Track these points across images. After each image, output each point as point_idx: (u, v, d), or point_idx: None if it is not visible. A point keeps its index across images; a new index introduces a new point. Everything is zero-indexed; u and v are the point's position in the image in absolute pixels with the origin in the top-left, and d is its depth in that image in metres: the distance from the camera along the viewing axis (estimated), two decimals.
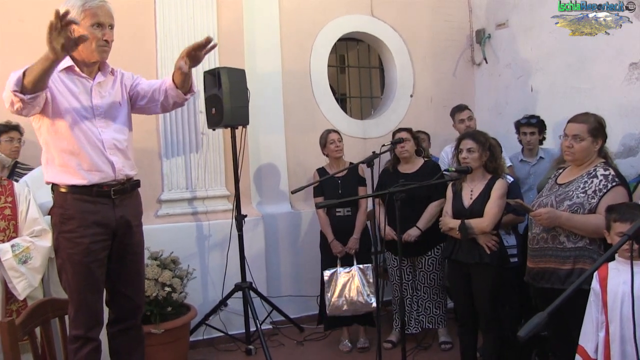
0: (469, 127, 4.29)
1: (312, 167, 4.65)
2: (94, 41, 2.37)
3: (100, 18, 2.37)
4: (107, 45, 2.43)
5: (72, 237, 2.42)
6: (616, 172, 2.72)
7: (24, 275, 2.89)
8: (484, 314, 3.18)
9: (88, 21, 2.35)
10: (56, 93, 2.39)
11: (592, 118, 2.79)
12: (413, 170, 4.00)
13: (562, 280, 2.69)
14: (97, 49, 2.40)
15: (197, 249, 4.26)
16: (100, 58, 2.45)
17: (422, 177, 3.81)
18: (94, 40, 2.38)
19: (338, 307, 3.89)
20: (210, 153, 4.36)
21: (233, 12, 4.44)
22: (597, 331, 2.31)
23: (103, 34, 2.39)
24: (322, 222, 4.07)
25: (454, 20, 5.53)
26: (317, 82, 4.95)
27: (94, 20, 2.36)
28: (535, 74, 4.87)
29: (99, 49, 2.40)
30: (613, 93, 4.12)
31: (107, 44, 2.43)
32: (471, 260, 3.16)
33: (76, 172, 2.42)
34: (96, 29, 2.37)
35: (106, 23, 2.40)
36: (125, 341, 2.65)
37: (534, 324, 1.27)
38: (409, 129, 4.09)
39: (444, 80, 5.50)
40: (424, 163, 4.03)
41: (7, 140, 3.52)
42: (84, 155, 2.42)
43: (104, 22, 2.39)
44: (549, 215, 2.71)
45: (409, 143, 3.99)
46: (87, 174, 2.42)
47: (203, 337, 4.19)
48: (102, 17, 2.38)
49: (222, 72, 3.91)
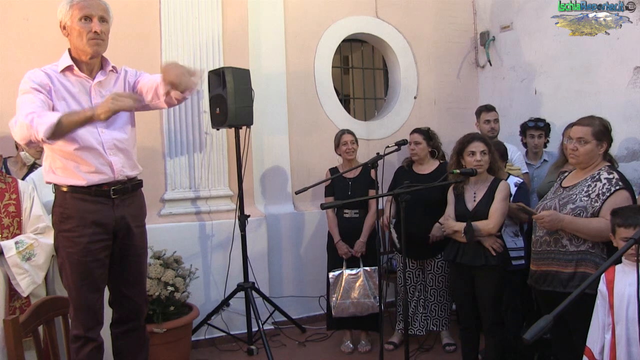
0: (493, 130, 4.21)
1: (315, 167, 4.66)
2: (83, 35, 2.36)
3: (87, 11, 2.36)
4: (99, 38, 2.39)
5: (71, 236, 2.42)
6: (620, 176, 2.71)
7: (27, 272, 2.89)
8: (487, 317, 3.17)
9: (76, 16, 2.36)
10: (54, 96, 2.38)
11: (597, 121, 2.79)
12: (427, 171, 3.99)
13: (564, 283, 2.69)
14: (88, 43, 2.37)
15: (200, 249, 4.26)
16: (94, 52, 2.41)
17: (435, 179, 3.75)
18: (84, 33, 2.36)
19: (344, 308, 3.87)
20: (214, 153, 4.36)
21: (238, 12, 4.45)
22: (603, 333, 2.31)
23: (91, 26, 2.36)
24: (330, 223, 4.05)
25: (458, 23, 5.53)
26: (321, 83, 4.95)
27: (82, 14, 2.36)
28: (539, 77, 4.87)
29: (89, 42, 2.37)
30: (617, 97, 4.11)
31: (99, 36, 2.38)
32: (477, 263, 3.15)
33: (75, 174, 2.41)
34: (84, 23, 2.36)
35: (95, 15, 2.37)
36: (128, 343, 2.65)
37: (539, 327, 1.27)
38: (424, 131, 4.04)
39: (448, 83, 5.50)
40: (439, 165, 4.00)
41: None
42: (83, 157, 2.41)
43: (91, 14, 2.36)
44: (552, 218, 2.71)
45: (419, 146, 3.97)
46: (85, 175, 2.42)
47: (205, 337, 4.19)
48: (89, 10, 2.36)
49: (227, 72, 3.91)
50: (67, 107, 2.38)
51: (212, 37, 4.31)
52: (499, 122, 4.37)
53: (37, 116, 2.18)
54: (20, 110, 2.26)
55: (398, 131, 5.17)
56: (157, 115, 4.14)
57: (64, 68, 2.43)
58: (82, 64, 2.46)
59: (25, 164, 3.55)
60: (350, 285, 3.87)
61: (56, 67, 2.44)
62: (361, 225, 3.98)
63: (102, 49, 2.45)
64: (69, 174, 2.42)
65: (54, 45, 2.52)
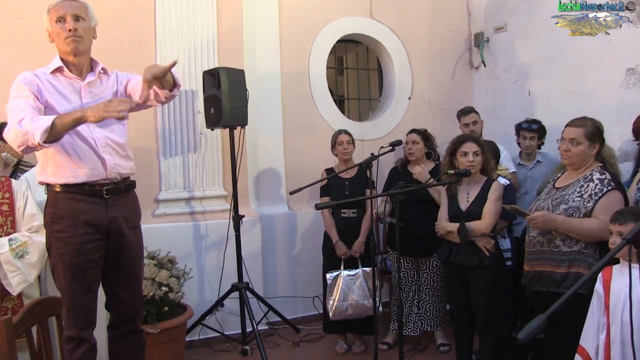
0: (473, 132, 4.15)
1: (310, 168, 4.66)
2: (61, 35, 2.41)
3: (60, 12, 2.41)
4: (76, 35, 2.42)
5: (63, 236, 2.42)
6: (612, 177, 2.73)
7: (19, 269, 2.87)
8: (481, 317, 3.19)
9: (53, 19, 2.42)
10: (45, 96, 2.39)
11: (589, 122, 2.81)
12: None
13: (557, 283, 2.71)
14: (65, 41, 2.42)
15: (194, 249, 4.26)
16: (72, 49, 2.43)
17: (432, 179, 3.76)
18: (61, 34, 2.41)
19: (342, 310, 3.83)
20: (209, 153, 4.36)
21: (233, 12, 4.45)
22: (598, 333, 2.32)
23: (65, 26, 2.40)
24: (327, 223, 4.03)
25: (452, 23, 5.55)
26: (315, 83, 4.95)
27: (56, 16, 2.42)
28: (533, 78, 4.89)
29: (66, 40, 2.42)
30: (610, 98, 4.13)
31: (75, 33, 2.42)
32: (471, 263, 3.16)
33: (67, 170, 2.42)
34: (60, 24, 2.42)
35: (67, 14, 2.41)
36: (124, 347, 2.64)
37: (533, 327, 1.28)
38: (422, 132, 4.06)
39: (442, 83, 5.51)
40: (435, 166, 4.01)
41: None
42: (76, 155, 2.42)
43: (64, 14, 2.41)
44: (544, 219, 2.72)
45: (417, 146, 3.99)
46: (77, 171, 2.42)
47: (199, 337, 4.18)
48: (62, 10, 2.41)
49: (222, 72, 3.91)
50: (59, 107, 2.40)
51: (206, 38, 4.30)
52: (479, 123, 4.33)
53: (31, 121, 2.20)
54: (11, 117, 2.29)
55: (392, 132, 5.18)
56: (152, 115, 4.13)
57: (54, 69, 2.46)
58: (71, 65, 2.49)
59: (8, 164, 3.53)
60: (348, 287, 3.84)
61: (47, 69, 2.47)
62: (359, 224, 3.97)
63: (82, 47, 2.47)
64: (62, 172, 2.42)
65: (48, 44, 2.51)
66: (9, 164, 3.52)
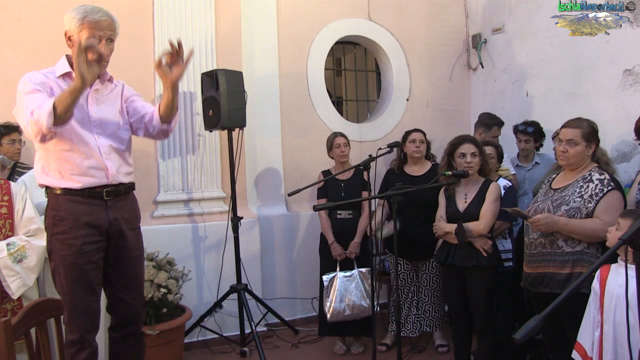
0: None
1: (308, 169, 4.67)
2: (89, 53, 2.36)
3: (99, 32, 2.37)
4: (103, 60, 2.40)
5: (64, 238, 2.42)
6: (611, 177, 2.74)
7: (18, 274, 2.88)
8: (479, 317, 3.19)
9: (85, 35, 2.35)
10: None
11: (585, 123, 2.82)
12: (421, 172, 4.01)
13: (561, 284, 2.70)
14: None
15: (193, 251, 4.26)
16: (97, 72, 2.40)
17: (430, 180, 3.72)
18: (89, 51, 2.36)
19: (340, 312, 3.83)
20: (207, 155, 4.36)
21: (231, 14, 4.46)
22: (594, 330, 2.33)
23: (98, 48, 2.36)
24: (323, 224, 4.04)
25: (450, 25, 5.56)
26: (313, 85, 4.96)
27: (91, 35, 2.36)
28: (530, 79, 4.90)
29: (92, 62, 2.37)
30: (607, 99, 4.15)
31: (103, 59, 2.40)
32: (469, 264, 3.17)
33: (69, 176, 2.42)
34: None
35: (104, 37, 2.39)
36: (124, 349, 2.64)
37: (530, 327, 1.28)
38: (423, 131, 4.09)
39: (440, 85, 5.53)
40: (432, 166, 4.03)
41: (9, 142, 3.50)
42: (78, 160, 2.42)
43: (102, 36, 2.38)
44: (547, 221, 2.72)
45: (423, 145, 4.01)
46: (80, 178, 2.42)
47: (198, 339, 4.18)
48: (101, 32, 2.37)
49: (220, 74, 3.92)
50: None
51: (205, 39, 4.31)
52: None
53: (37, 109, 2.21)
54: (24, 111, 2.27)
55: (390, 133, 5.19)
56: None
57: (63, 74, 2.44)
58: None
59: (5, 166, 3.53)
60: (345, 288, 3.85)
61: (53, 72, 2.45)
62: (355, 226, 3.98)
63: (103, 70, 2.48)
64: (63, 176, 2.42)
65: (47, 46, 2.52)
66: (6, 167, 3.52)
